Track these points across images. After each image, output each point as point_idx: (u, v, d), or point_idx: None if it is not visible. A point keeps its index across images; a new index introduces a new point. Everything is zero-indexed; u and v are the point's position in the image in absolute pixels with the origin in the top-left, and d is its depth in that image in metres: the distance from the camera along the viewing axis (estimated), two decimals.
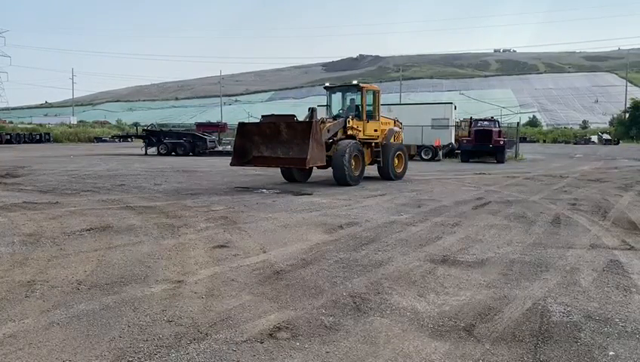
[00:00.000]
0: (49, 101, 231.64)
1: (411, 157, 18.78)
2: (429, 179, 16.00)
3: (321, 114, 14.65)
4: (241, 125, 13.62)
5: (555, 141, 79.91)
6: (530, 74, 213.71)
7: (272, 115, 14.12)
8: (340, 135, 13.88)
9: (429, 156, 28.30)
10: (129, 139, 56.38)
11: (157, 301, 4.20)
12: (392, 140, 15.63)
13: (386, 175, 15.16)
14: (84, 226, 7.36)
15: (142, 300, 4.21)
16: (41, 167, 19.41)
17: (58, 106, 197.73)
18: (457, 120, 34.39)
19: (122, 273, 4.99)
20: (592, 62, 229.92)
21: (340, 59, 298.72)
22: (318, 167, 13.31)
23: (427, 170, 20.73)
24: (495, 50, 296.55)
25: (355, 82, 15.23)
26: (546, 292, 4.55)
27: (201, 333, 3.54)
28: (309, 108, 13.82)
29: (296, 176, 14.40)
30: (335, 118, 14.43)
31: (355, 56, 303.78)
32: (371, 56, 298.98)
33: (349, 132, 14.00)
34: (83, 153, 32.81)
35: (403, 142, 17.01)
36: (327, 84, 16.08)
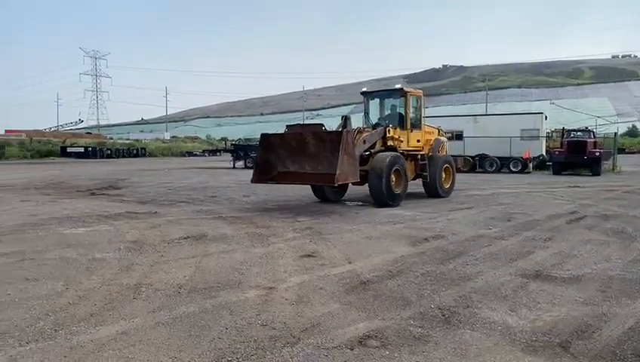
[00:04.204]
0: (145, 118, 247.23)
1: (460, 171, 16.98)
2: (519, 192, 15.41)
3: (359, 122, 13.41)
4: (264, 137, 11.99)
5: None
6: (628, 80, 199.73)
7: (298, 124, 12.87)
8: (378, 146, 12.28)
9: (518, 168, 27.24)
10: (218, 153, 59.08)
11: (251, 305, 4.41)
12: (438, 152, 14.13)
13: (433, 191, 13.61)
14: (181, 235, 7.84)
15: (237, 304, 4.44)
16: (140, 180, 20.82)
17: (153, 123, 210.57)
18: (548, 130, 32.91)
19: (218, 279, 5.29)
20: None
21: (422, 70, 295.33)
22: (353, 184, 11.73)
23: (516, 182, 19.94)
24: (613, 57, 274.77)
25: (398, 86, 13.63)
26: None
27: (293, 338, 3.69)
28: (342, 117, 12.31)
29: (328, 193, 12.82)
30: (374, 127, 12.91)
31: (438, 67, 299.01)
32: (455, 66, 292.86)
33: (389, 143, 12.39)
34: (176, 166, 34.76)
35: (448, 153, 15.36)
36: (364, 89, 14.28)
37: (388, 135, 12.27)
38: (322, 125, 12.07)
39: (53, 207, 11.36)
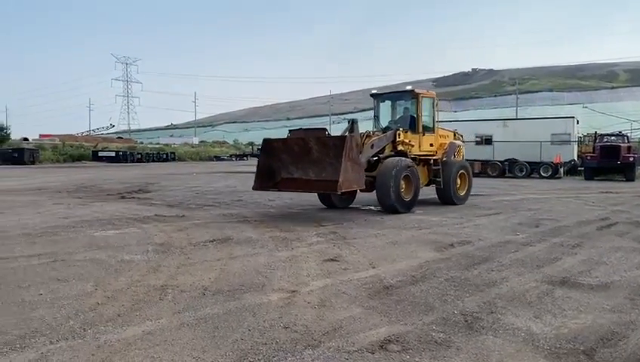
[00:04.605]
0: (174, 123, 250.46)
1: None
2: (549, 198, 15.14)
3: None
4: (266, 142, 11.46)
5: None
6: None
7: (301, 128, 12.41)
8: (387, 151, 11.78)
9: (549, 173, 26.80)
10: (244, 158, 59.72)
11: (274, 308, 4.46)
12: (452, 157, 13.43)
13: (447, 198, 12.97)
14: (207, 238, 7.96)
15: (260, 307, 4.50)
16: (168, 184, 21.18)
17: (182, 128, 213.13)
18: (580, 135, 32.31)
19: (242, 281, 5.36)
20: None
21: (451, 74, 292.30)
22: (360, 191, 11.36)
23: (546, 188, 19.60)
24: None
25: (409, 88, 12.98)
26: None
27: (315, 340, 3.72)
28: (349, 120, 11.61)
29: (335, 200, 12.24)
30: (384, 130, 12.36)
31: (467, 71, 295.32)
32: (485, 69, 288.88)
33: (399, 147, 11.84)
34: (204, 171, 35.24)
35: (464, 158, 14.75)
36: (374, 91, 13.75)
37: (398, 139, 11.80)
38: (325, 130, 11.73)
39: (84, 210, 11.66)
